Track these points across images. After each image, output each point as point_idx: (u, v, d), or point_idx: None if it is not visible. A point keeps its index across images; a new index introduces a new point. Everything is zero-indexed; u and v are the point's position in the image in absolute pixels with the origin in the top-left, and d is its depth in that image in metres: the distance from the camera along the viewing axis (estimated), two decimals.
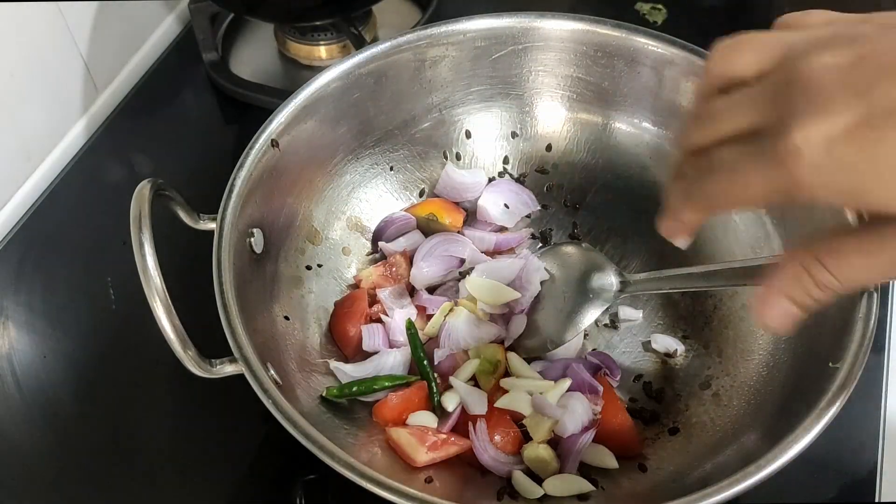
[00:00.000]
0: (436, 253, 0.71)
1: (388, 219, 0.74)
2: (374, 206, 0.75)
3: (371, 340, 0.66)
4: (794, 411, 0.52)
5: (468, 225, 0.75)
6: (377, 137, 0.74)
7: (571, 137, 0.77)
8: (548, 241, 0.75)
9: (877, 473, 0.63)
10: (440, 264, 0.70)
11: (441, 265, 0.70)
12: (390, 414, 0.61)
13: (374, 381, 0.62)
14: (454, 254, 0.71)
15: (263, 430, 0.66)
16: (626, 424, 0.62)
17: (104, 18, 0.88)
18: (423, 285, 0.70)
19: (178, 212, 0.59)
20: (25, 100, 0.81)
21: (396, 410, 0.61)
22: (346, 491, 0.49)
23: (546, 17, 0.71)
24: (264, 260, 0.64)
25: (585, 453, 0.60)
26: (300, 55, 0.95)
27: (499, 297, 0.67)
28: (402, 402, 0.62)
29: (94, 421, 0.68)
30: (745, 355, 0.64)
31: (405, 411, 0.61)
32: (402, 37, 0.70)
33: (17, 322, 0.74)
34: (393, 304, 0.68)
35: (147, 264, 0.50)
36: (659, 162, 0.74)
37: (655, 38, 0.69)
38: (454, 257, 0.71)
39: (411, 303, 0.69)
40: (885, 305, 0.72)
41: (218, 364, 0.53)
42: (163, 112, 0.93)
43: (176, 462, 0.66)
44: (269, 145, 0.63)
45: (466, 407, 0.61)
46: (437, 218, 0.73)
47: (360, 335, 0.66)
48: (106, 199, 0.84)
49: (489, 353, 0.65)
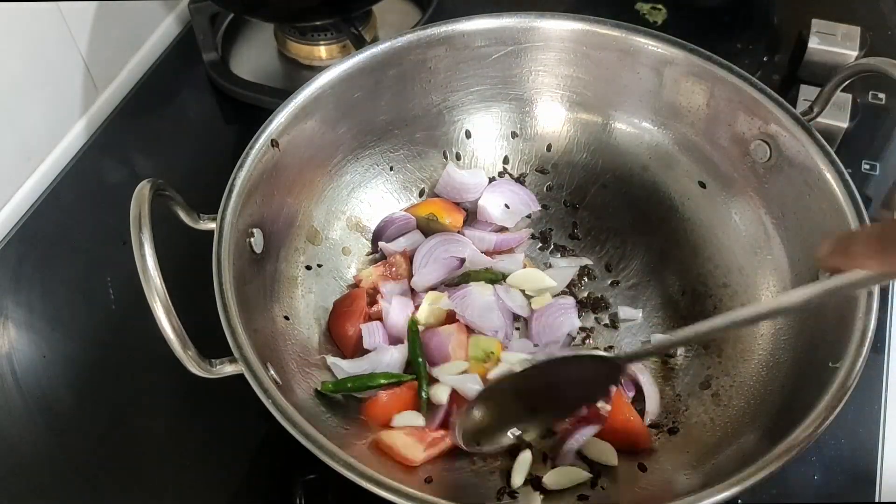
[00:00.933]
0: (435, 255, 0.71)
1: (387, 219, 0.74)
2: (374, 206, 0.75)
3: (371, 338, 0.66)
4: (794, 411, 0.52)
5: (468, 225, 0.75)
6: (377, 137, 0.74)
7: (571, 137, 0.77)
8: (548, 241, 0.75)
9: (877, 473, 0.63)
10: (441, 268, 0.70)
11: (441, 268, 0.70)
12: (380, 412, 0.61)
13: (370, 378, 0.63)
14: (454, 254, 0.71)
15: (263, 430, 0.66)
16: (634, 422, 0.61)
17: (104, 18, 0.88)
18: (424, 289, 0.70)
19: (178, 212, 0.59)
20: (25, 100, 0.81)
21: (386, 409, 0.61)
22: (346, 491, 0.49)
23: (546, 17, 0.71)
24: (264, 260, 0.64)
25: (587, 449, 0.61)
26: (300, 55, 0.95)
27: (537, 283, 0.69)
28: (393, 400, 0.62)
29: (94, 421, 0.68)
30: (745, 355, 0.64)
31: (395, 410, 0.62)
32: (402, 37, 0.70)
33: (17, 322, 0.74)
34: (392, 295, 0.68)
35: (147, 264, 0.50)
36: (659, 162, 0.74)
37: (655, 38, 0.69)
38: (454, 258, 0.71)
39: (412, 299, 0.69)
40: (885, 305, 0.72)
41: (218, 364, 0.53)
42: (163, 112, 0.93)
43: (176, 462, 0.66)
44: (269, 145, 0.63)
45: (462, 392, 0.62)
46: (438, 218, 0.73)
47: (358, 334, 0.66)
48: (106, 199, 0.83)
49: (485, 343, 0.65)
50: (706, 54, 0.67)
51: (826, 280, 0.46)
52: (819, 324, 0.59)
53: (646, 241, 0.73)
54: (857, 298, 0.54)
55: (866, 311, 0.54)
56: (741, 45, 0.94)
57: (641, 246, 0.74)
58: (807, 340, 0.59)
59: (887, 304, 0.72)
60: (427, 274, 0.70)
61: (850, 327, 0.54)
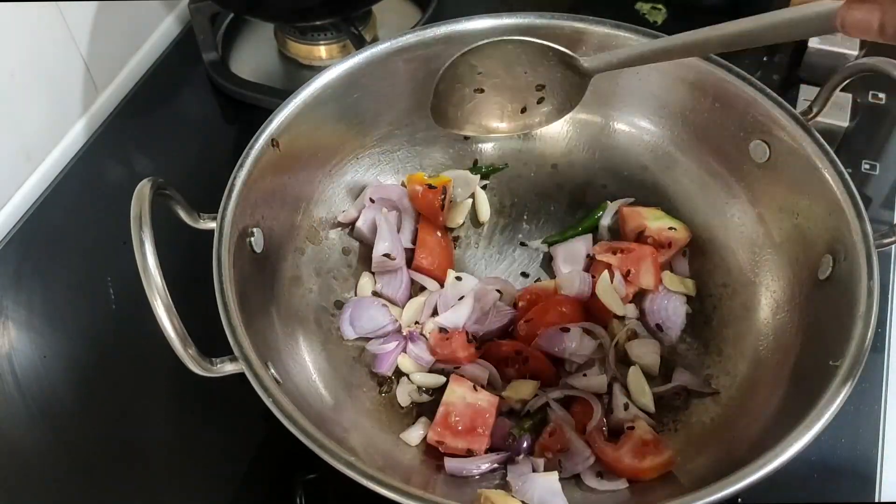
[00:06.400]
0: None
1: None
2: None
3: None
4: (794, 410, 0.52)
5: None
6: (377, 137, 0.74)
7: (571, 137, 0.77)
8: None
9: (877, 473, 0.63)
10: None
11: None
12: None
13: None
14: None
15: (263, 430, 0.66)
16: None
17: (104, 18, 0.88)
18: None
19: (178, 211, 0.59)
20: (25, 100, 0.81)
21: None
22: (347, 490, 0.49)
23: (546, 17, 0.71)
24: (264, 260, 0.64)
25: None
26: (300, 55, 0.95)
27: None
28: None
29: (94, 420, 0.68)
30: (744, 355, 0.64)
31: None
32: (403, 37, 0.70)
33: (17, 322, 0.74)
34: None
35: (147, 263, 0.50)
36: (659, 162, 0.74)
37: (655, 38, 0.69)
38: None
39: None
40: (885, 305, 0.72)
41: (218, 363, 0.53)
42: (163, 112, 0.93)
43: (176, 461, 0.66)
44: (269, 145, 0.63)
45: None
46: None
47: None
48: (106, 199, 0.83)
49: (524, 390, 0.65)
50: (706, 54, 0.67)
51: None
52: (819, 323, 0.59)
53: None
54: (858, 298, 0.54)
55: (866, 311, 0.54)
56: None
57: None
58: (807, 339, 0.59)
59: (887, 304, 0.72)
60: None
61: (850, 327, 0.54)
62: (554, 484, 0.57)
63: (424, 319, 0.69)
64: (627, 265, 0.68)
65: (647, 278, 0.68)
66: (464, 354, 0.65)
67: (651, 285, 0.68)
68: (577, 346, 0.65)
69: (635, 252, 0.69)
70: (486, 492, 0.54)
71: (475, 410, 0.61)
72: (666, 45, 0.57)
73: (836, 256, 0.59)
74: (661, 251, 0.70)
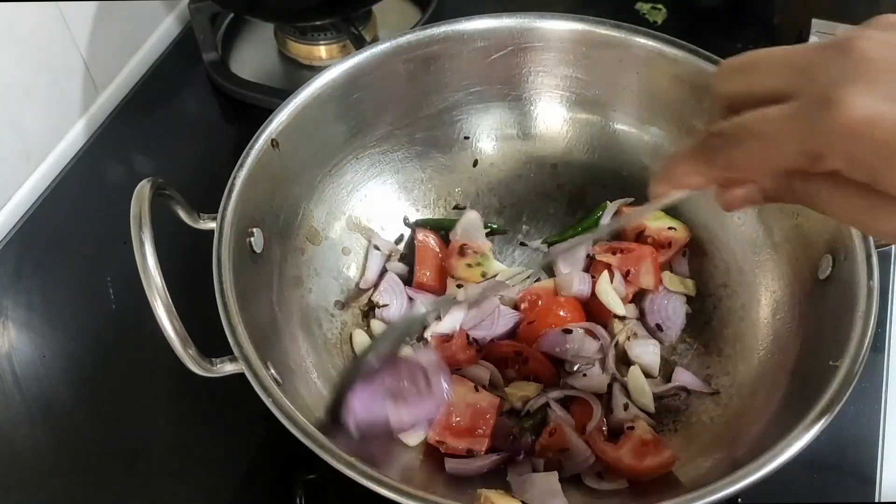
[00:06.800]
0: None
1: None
2: (375, 206, 0.75)
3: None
4: (794, 410, 0.52)
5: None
6: (377, 137, 0.74)
7: (571, 137, 0.77)
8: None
9: (877, 473, 0.63)
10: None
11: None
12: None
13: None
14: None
15: (263, 430, 0.66)
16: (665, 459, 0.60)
17: (104, 18, 0.88)
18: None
19: (178, 211, 0.59)
20: (25, 100, 0.81)
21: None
22: (347, 490, 0.49)
23: (546, 17, 0.71)
24: (264, 260, 0.64)
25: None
26: (300, 55, 0.95)
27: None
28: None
29: (94, 421, 0.68)
30: (744, 354, 0.64)
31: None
32: (402, 37, 0.70)
33: (17, 322, 0.74)
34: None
35: (147, 263, 0.50)
36: (659, 162, 0.74)
37: (655, 38, 0.69)
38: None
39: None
40: (885, 305, 0.72)
41: (218, 363, 0.53)
42: (163, 112, 0.93)
43: (176, 461, 0.66)
44: (269, 145, 0.63)
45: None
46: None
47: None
48: (106, 199, 0.84)
49: (525, 390, 0.65)
50: (706, 54, 0.67)
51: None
52: (819, 323, 0.59)
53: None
54: (857, 298, 0.54)
55: (866, 311, 0.54)
56: (741, 45, 0.94)
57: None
58: (807, 339, 0.59)
59: (887, 304, 0.72)
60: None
61: (849, 327, 0.53)
62: (554, 484, 0.58)
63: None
64: (627, 265, 0.68)
65: (646, 278, 0.68)
66: (464, 357, 0.65)
67: (651, 285, 0.68)
68: (580, 348, 0.65)
69: (635, 252, 0.69)
70: (486, 492, 0.54)
71: (476, 411, 0.61)
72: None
73: (836, 256, 0.58)
74: (661, 251, 0.70)
